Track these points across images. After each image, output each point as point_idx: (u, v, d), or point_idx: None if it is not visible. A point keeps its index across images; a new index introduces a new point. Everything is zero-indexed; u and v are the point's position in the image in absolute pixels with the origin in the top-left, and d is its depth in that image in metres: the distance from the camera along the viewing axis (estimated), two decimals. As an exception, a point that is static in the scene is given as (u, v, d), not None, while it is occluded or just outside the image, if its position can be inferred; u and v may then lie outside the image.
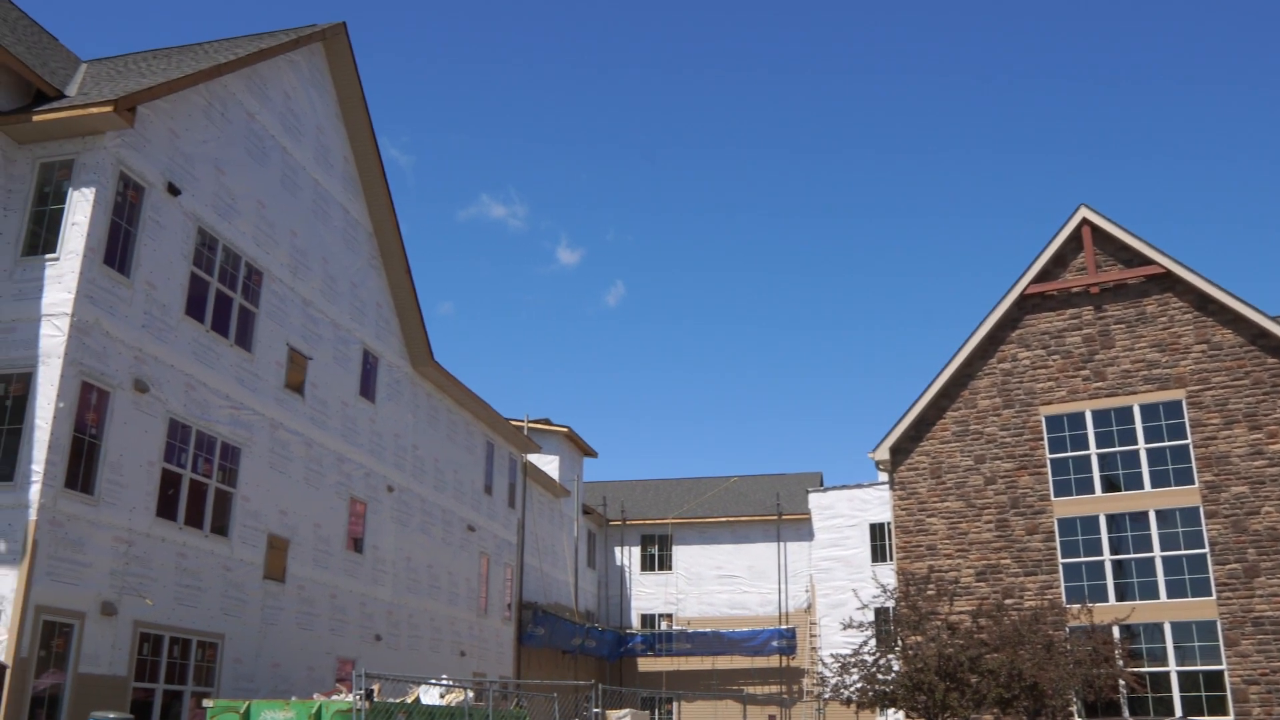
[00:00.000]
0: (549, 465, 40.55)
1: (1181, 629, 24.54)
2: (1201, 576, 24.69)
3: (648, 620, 46.52)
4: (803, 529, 44.65)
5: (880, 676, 22.59)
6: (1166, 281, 26.86)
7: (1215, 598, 24.37)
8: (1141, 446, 26.03)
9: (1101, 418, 26.67)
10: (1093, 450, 26.53)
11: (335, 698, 15.09)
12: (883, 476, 35.21)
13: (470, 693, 17.38)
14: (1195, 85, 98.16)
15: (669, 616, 46.18)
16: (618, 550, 47.69)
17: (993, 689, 21.22)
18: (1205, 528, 24.83)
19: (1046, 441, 27.11)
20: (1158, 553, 25.18)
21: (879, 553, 40.80)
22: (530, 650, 35.48)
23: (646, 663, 45.50)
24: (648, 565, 47.28)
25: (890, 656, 22.93)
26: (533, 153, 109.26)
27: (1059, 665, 21.99)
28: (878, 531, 41.21)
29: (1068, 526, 26.30)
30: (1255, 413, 25.09)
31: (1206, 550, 24.72)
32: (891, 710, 23.90)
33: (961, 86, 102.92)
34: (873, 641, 23.35)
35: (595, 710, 20.25)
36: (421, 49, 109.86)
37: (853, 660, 23.09)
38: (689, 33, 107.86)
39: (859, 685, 22.84)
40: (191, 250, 18.52)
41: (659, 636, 45.04)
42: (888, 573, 34.72)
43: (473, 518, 30.63)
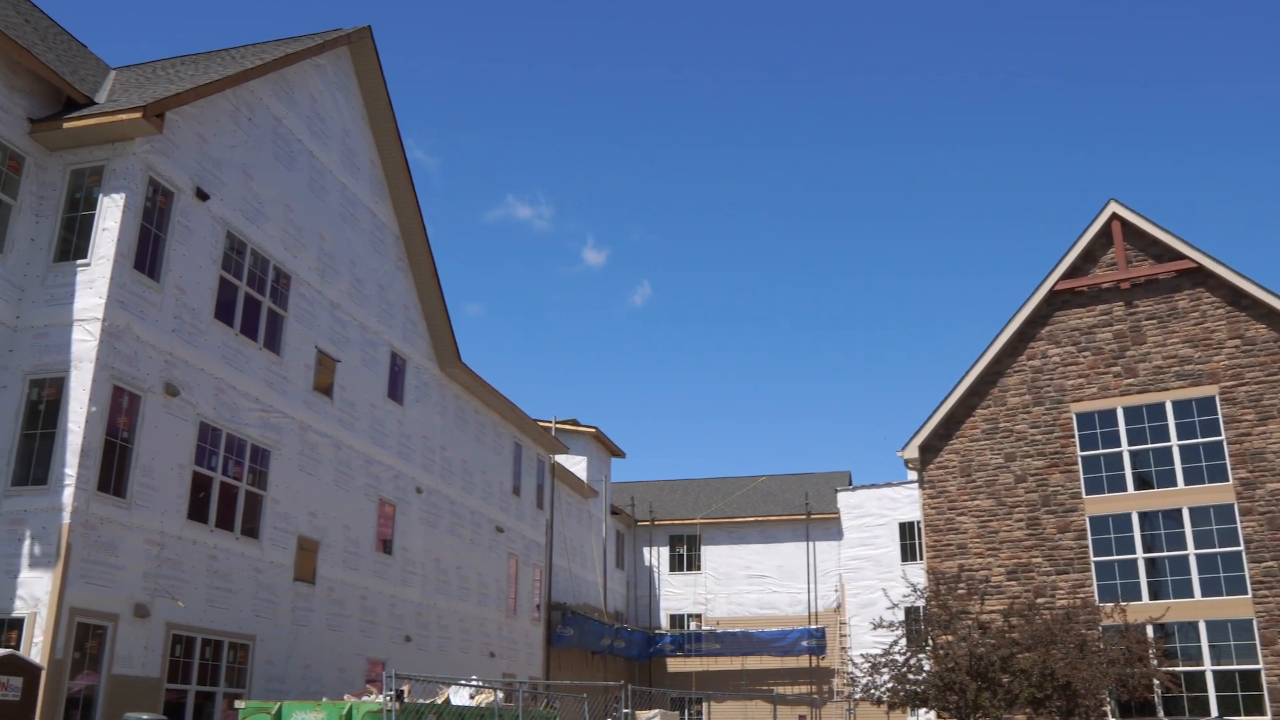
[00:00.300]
0: (577, 466, 40.58)
1: (1217, 628, 24.26)
2: (1237, 574, 24.40)
3: (677, 620, 46.47)
4: (832, 528, 44.48)
5: (911, 676, 22.46)
6: (1198, 276, 26.57)
7: (1251, 596, 24.08)
8: (1174, 443, 25.76)
9: (1133, 414, 26.41)
10: (1124, 447, 26.29)
11: (366, 699, 15.14)
12: (912, 475, 35.01)
13: (500, 693, 17.39)
14: (1222, 82, 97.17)
15: (698, 617, 46.12)
16: (646, 550, 47.67)
17: (1025, 689, 21.06)
18: (1240, 525, 24.54)
19: (1077, 439, 26.88)
20: (1191, 551, 24.92)
21: (908, 552, 40.62)
22: (559, 651, 35.51)
23: (676, 663, 45.46)
24: (676, 565, 47.23)
25: (921, 656, 22.79)
26: (558, 153, 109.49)
27: (1092, 665, 21.79)
28: (907, 530, 41.02)
29: (1100, 524, 26.07)
30: (1290, 408, 24.79)
31: (1241, 548, 24.44)
32: (923, 710, 23.78)
33: (990, 87, 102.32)
34: (903, 641, 23.22)
35: (625, 711, 20.20)
36: (446, 51, 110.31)
37: (883, 660, 22.97)
38: (720, 31, 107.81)
39: (890, 685, 22.72)
40: (220, 254, 18.65)
41: (688, 637, 44.98)
42: (917, 572, 34.54)
43: (501, 519, 30.69)
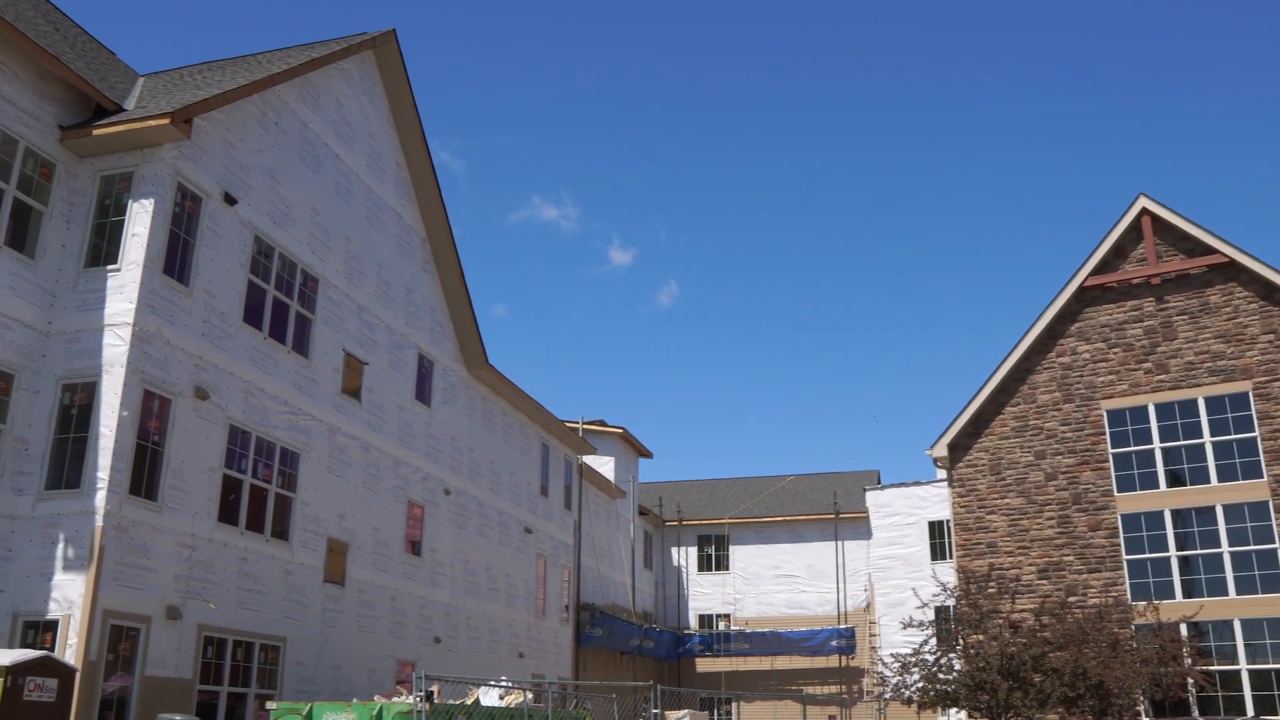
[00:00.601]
0: (604, 466, 40.60)
1: (1252, 626, 23.98)
2: (1272, 572, 24.10)
3: (705, 620, 46.41)
4: (860, 527, 44.31)
5: (941, 676, 22.34)
6: (1230, 271, 26.28)
7: (1286, 594, 23.81)
8: (1207, 440, 25.49)
9: (1165, 411, 26.16)
10: (1156, 444, 26.04)
11: (396, 699, 15.19)
12: (941, 474, 34.84)
13: (529, 694, 17.42)
14: (1250, 77, 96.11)
15: (727, 617, 46.04)
16: (674, 551, 47.63)
17: (1057, 688, 20.90)
18: (1275, 522, 24.24)
19: (1108, 436, 26.65)
20: (1225, 548, 24.64)
21: (938, 551, 40.40)
22: (588, 651, 35.54)
23: (705, 663, 45.41)
24: (705, 565, 47.17)
25: (951, 655, 22.66)
26: (584, 154, 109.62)
27: (1125, 664, 21.60)
28: (936, 529, 40.80)
29: (1132, 522, 25.83)
30: (1325, 404, 24.49)
31: (1277, 545, 24.14)
32: (953, 710, 23.64)
33: (1020, 87, 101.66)
34: (933, 640, 23.09)
35: (654, 711, 20.20)
36: (471, 52, 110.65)
37: (913, 660, 22.85)
38: (753, 31, 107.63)
39: (920, 685, 22.60)
40: (248, 258, 18.77)
41: (717, 637, 44.91)
42: (947, 571, 34.36)
43: (529, 520, 30.75)
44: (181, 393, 16.67)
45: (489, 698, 16.69)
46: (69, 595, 14.72)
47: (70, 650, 14.39)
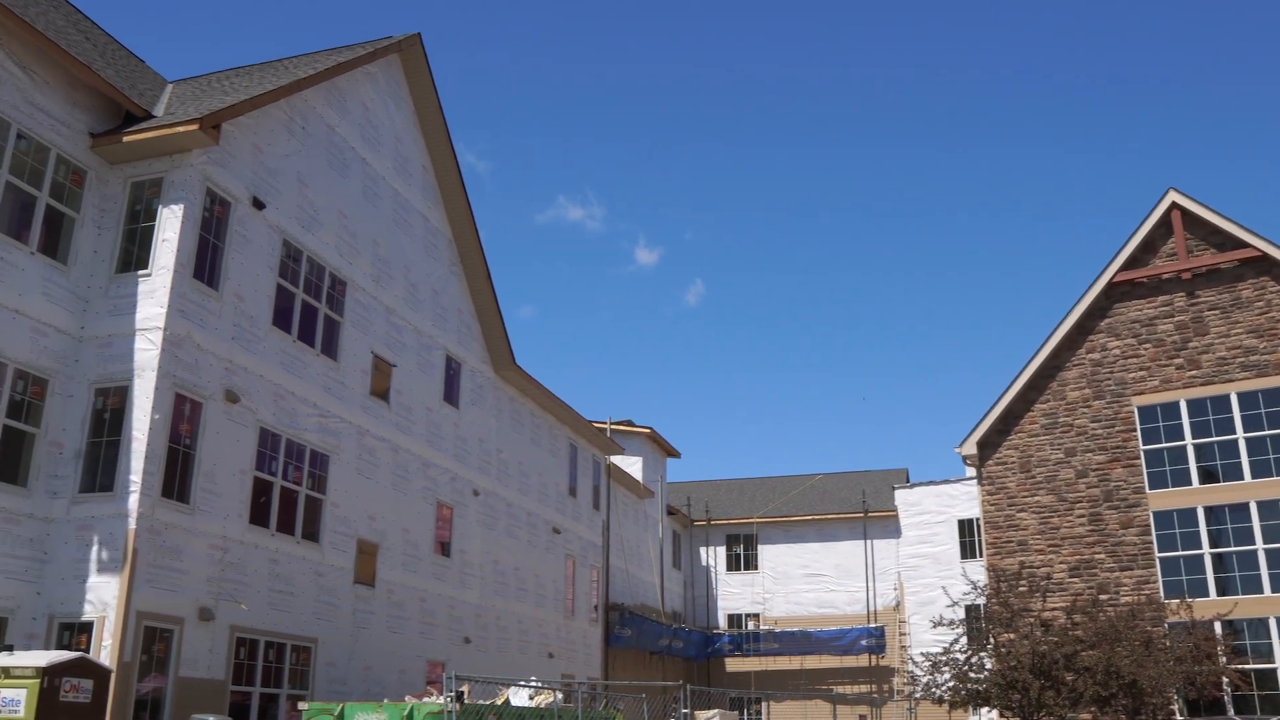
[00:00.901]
0: (632, 466, 40.62)
1: (1287, 623, 23.72)
2: (1308, 569, 23.86)
3: (734, 620, 46.35)
4: (889, 526, 44.13)
5: (972, 675, 22.22)
6: (1263, 264, 26.00)
7: (1323, 591, 23.54)
8: (1240, 436, 25.23)
9: (1197, 407, 25.91)
10: (1188, 441, 25.80)
11: (426, 700, 15.26)
12: (970, 471, 34.63)
13: (559, 694, 17.45)
14: (1276, 73, 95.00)
15: (756, 616, 45.95)
16: (703, 550, 47.60)
17: (1089, 687, 20.75)
18: (1310, 518, 23.99)
19: (1140, 433, 26.42)
20: (1260, 545, 24.37)
21: (968, 549, 40.18)
22: (617, 651, 35.56)
23: (734, 663, 45.34)
24: (733, 565, 47.11)
25: (982, 654, 22.53)
26: (609, 154, 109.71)
27: (1158, 662, 21.42)
28: (966, 527, 40.58)
29: (1164, 519, 25.61)
30: (1361, 398, 24.19)
31: (1312, 542, 23.89)
32: (985, 710, 23.50)
33: (1048, 84, 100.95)
34: (964, 639, 22.97)
35: (684, 711, 20.19)
36: (495, 53, 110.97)
37: (944, 659, 22.74)
38: (775, 30, 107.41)
39: (951, 684, 22.49)
40: (277, 262, 18.91)
41: (746, 636, 44.83)
42: (977, 569, 34.17)
43: (558, 520, 30.81)
44: (212, 396, 16.82)
45: (519, 698, 16.74)
46: (103, 597, 14.88)
47: (105, 651, 14.54)
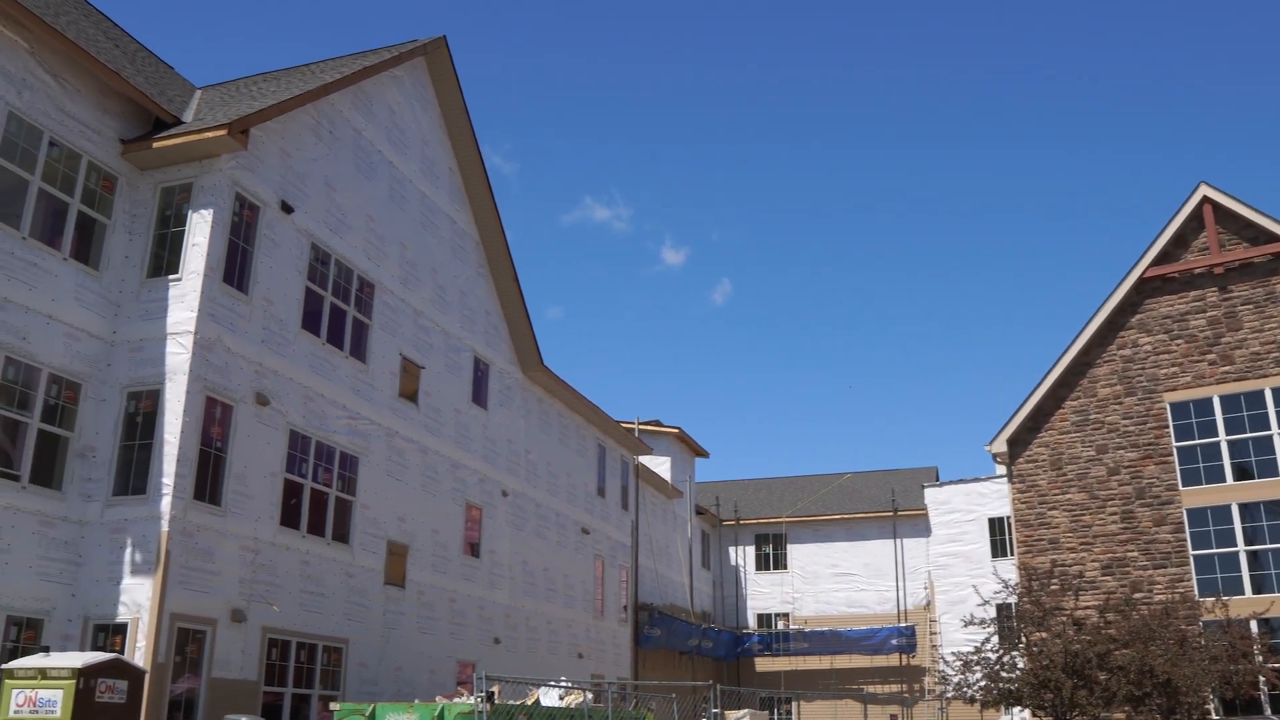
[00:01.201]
0: (661, 466, 40.61)
1: (1325, 621, 23.44)
2: (1345, 566, 23.57)
3: (764, 620, 46.27)
4: (919, 525, 43.92)
5: (1004, 674, 22.08)
6: (1297, 259, 25.71)
7: (1361, 588, 23.24)
8: (1275, 432, 24.93)
9: (1230, 403, 25.64)
10: (1222, 437, 25.53)
11: (457, 700, 15.33)
12: (1000, 469, 34.42)
13: (589, 694, 17.48)
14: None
15: (785, 616, 45.86)
16: (732, 550, 47.54)
17: (1123, 686, 20.57)
18: (1347, 515, 23.70)
19: (1172, 429, 26.17)
20: (1296, 542, 24.11)
21: (999, 547, 39.92)
22: (647, 652, 35.57)
23: (764, 662, 45.26)
24: (762, 565, 47.03)
25: (1014, 654, 22.38)
26: (635, 154, 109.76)
27: (1193, 661, 21.21)
28: (997, 526, 40.32)
29: (1198, 517, 25.35)
30: (1398, 393, 23.86)
31: (1349, 539, 23.59)
32: (1017, 709, 23.34)
33: (1077, 83, 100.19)
34: (995, 638, 22.83)
35: (714, 711, 20.17)
36: (520, 54, 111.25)
37: (975, 658, 22.61)
38: (801, 27, 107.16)
39: (983, 683, 22.36)
40: (306, 266, 19.03)
41: (776, 636, 44.75)
42: (1008, 568, 33.94)
43: (586, 520, 30.85)
44: (242, 399, 16.94)
45: (549, 698, 16.77)
46: (137, 599, 15.02)
47: (139, 652, 14.68)
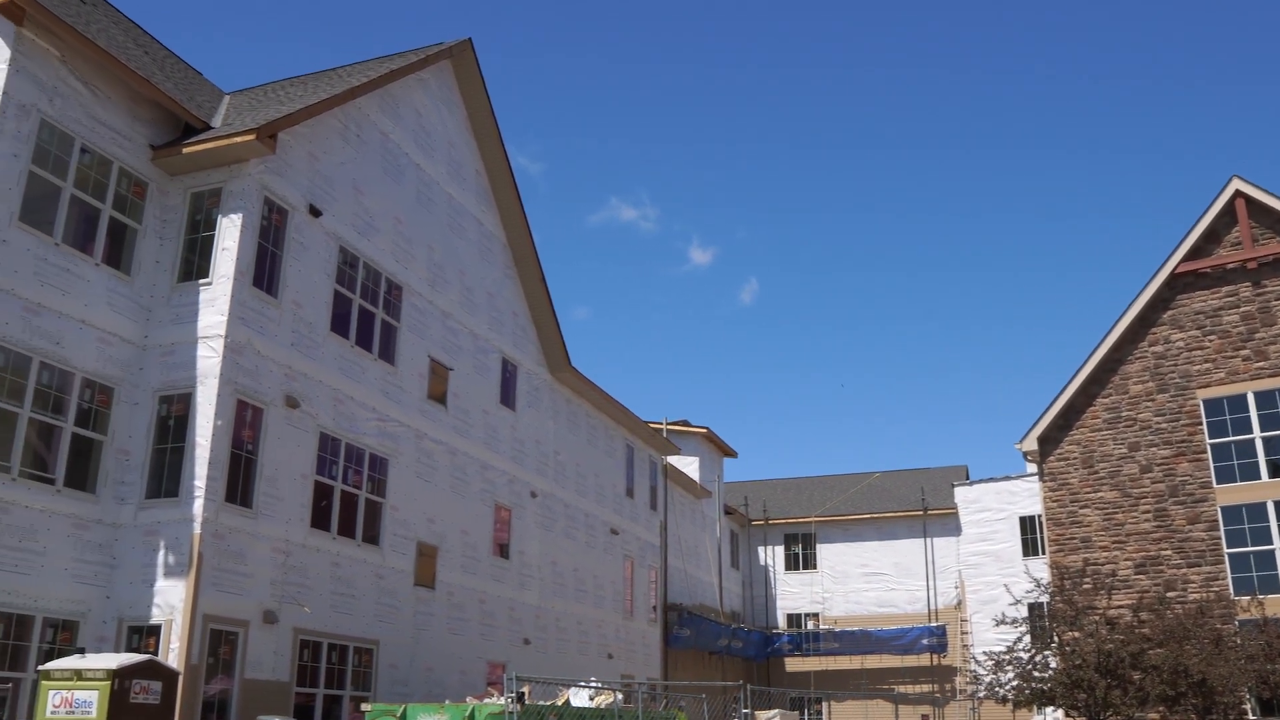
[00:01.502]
0: (689, 466, 40.58)
1: (1363, 620, 23.11)
2: (1383, 564, 23.25)
3: (794, 620, 46.15)
4: (949, 524, 43.67)
5: (1036, 674, 21.91)
6: (1331, 253, 25.40)
7: (1400, 586, 22.91)
8: (1311, 428, 24.66)
9: (1265, 399, 25.35)
10: (1257, 434, 25.25)
11: (487, 700, 15.37)
12: (1031, 468, 34.18)
13: (619, 694, 17.48)
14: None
15: (815, 616, 45.72)
16: (761, 550, 47.44)
17: (1157, 686, 20.36)
18: (1385, 512, 23.38)
19: (1205, 426, 25.90)
20: (1333, 540, 23.81)
21: (1030, 546, 39.64)
22: (676, 652, 35.55)
23: (794, 663, 45.14)
24: (792, 564, 46.91)
25: (1046, 653, 22.21)
26: (661, 154, 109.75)
27: (1229, 661, 20.97)
28: (1028, 524, 40.03)
29: (1232, 515, 25.07)
30: None
31: (1388, 536, 23.27)
32: (1049, 709, 23.15)
33: (1107, 82, 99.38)
34: (1027, 638, 22.66)
35: (744, 711, 20.12)
36: (545, 54, 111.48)
37: (1007, 657, 22.45)
38: (829, 28, 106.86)
39: (1015, 683, 22.19)
40: (334, 269, 19.13)
41: (806, 636, 44.63)
42: (1040, 567, 33.70)
43: (615, 521, 30.86)
44: (273, 402, 17.06)
45: (579, 698, 16.79)
46: (170, 600, 15.15)
47: (173, 654, 14.80)
